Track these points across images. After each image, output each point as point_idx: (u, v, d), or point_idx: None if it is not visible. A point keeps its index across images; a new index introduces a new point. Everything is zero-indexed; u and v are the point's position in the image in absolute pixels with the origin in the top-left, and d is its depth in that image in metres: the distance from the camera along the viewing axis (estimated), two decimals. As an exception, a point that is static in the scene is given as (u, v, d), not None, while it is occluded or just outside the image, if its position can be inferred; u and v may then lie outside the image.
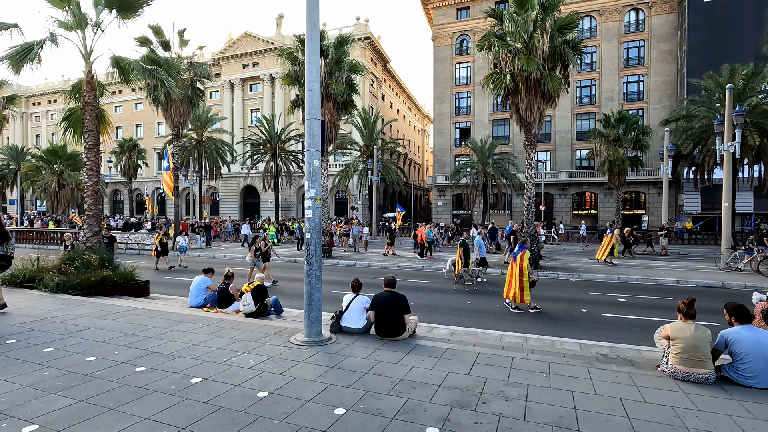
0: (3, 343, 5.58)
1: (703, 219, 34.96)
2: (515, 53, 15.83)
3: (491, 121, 43.65)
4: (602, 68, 40.20)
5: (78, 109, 11.42)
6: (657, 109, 38.22)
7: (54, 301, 8.19)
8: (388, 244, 21.04)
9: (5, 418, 3.53)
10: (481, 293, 11.54)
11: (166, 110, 24.41)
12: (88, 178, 10.87)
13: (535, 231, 17.69)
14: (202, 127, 36.89)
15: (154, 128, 56.70)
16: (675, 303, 10.25)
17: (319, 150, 5.92)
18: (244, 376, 4.57)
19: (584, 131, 39.44)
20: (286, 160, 37.92)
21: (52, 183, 27.20)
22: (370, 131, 37.10)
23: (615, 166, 28.92)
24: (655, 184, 37.29)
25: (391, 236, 21.25)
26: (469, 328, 7.98)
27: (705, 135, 26.58)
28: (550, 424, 3.62)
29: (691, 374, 4.62)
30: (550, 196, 41.30)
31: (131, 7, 10.65)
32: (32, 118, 66.21)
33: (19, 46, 9.58)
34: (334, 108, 19.57)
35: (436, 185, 45.34)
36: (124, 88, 52.58)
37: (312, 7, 5.88)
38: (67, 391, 4.10)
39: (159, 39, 20.04)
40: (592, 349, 6.43)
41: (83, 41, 10.74)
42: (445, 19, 44.84)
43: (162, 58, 15.28)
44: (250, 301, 7.65)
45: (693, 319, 4.87)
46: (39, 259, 10.39)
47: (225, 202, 51.84)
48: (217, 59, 51.42)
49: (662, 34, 38.52)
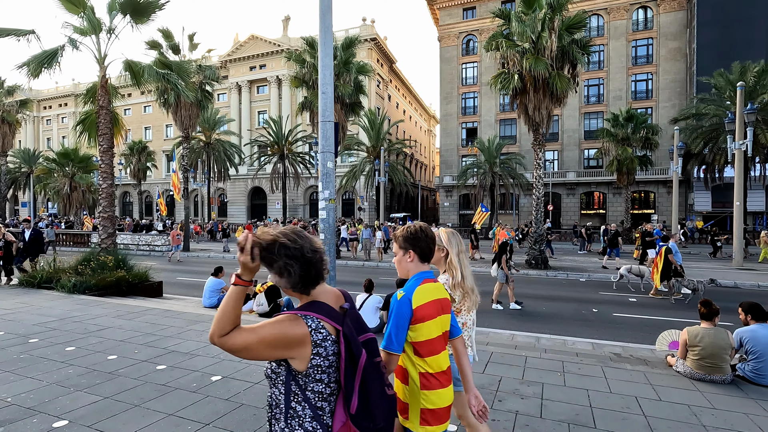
0: (26, 342, 5.73)
1: (714, 218, 34.59)
2: (523, 53, 15.82)
3: (498, 121, 43.55)
4: (610, 67, 39.94)
5: (92, 113, 11.62)
6: (666, 108, 37.89)
7: (72, 302, 8.35)
8: (472, 247, 19.44)
9: (36, 414, 3.64)
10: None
11: (176, 113, 24.65)
12: (103, 180, 11.05)
13: (544, 232, 17.62)
14: (211, 129, 37.23)
15: (162, 131, 57.27)
16: (685, 303, 10.23)
17: (332, 152, 6.00)
18: (261, 375, 4.66)
19: (592, 130, 39.21)
20: (293, 162, 38.12)
21: (64, 185, 27.59)
22: (376, 132, 37.20)
23: (623, 165, 28.75)
24: (665, 183, 36.96)
25: (476, 239, 19.68)
26: (480, 327, 8.02)
27: (715, 133, 26.34)
28: (566, 422, 3.66)
29: (708, 376, 4.62)
30: (558, 196, 41.10)
31: (144, 11, 10.82)
32: (43, 121, 67.15)
33: (41, 53, 9.79)
34: (342, 109, 19.70)
35: (443, 185, 45.31)
36: (133, 91, 53.24)
37: (325, 11, 5.96)
38: (93, 388, 4.21)
39: (169, 43, 20.27)
40: (604, 349, 6.44)
41: (97, 46, 10.93)
42: (451, 19, 44.82)
43: (173, 61, 15.48)
44: (264, 302, 7.75)
45: (713, 322, 4.79)
46: (56, 261, 10.59)
47: (233, 204, 52.22)
48: (225, 62, 51.82)
49: (671, 31, 38.20)
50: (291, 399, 1.43)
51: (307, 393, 1.43)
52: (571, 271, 15.55)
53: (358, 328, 1.51)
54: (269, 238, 1.43)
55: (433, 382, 2.02)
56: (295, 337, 1.39)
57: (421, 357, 2.01)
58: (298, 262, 1.42)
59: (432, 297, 2.07)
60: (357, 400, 1.41)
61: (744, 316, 5.05)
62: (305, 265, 1.44)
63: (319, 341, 1.41)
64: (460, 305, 2.63)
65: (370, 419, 1.43)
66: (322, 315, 1.44)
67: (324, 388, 1.44)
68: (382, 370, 1.55)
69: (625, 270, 12.08)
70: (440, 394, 2.03)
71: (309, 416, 1.42)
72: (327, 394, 1.44)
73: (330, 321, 1.44)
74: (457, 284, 2.57)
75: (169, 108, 23.82)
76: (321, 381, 1.43)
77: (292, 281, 1.44)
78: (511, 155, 38.01)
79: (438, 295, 2.12)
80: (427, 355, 2.02)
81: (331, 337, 1.44)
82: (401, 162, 44.69)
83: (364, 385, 1.43)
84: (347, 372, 1.42)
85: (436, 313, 2.07)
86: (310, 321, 1.42)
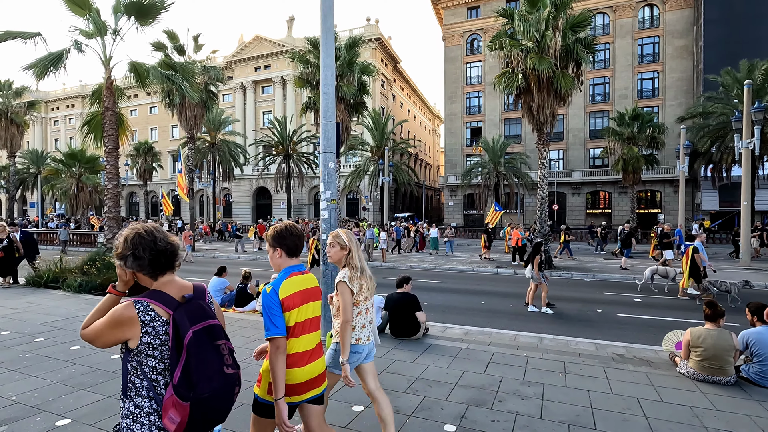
0: (32, 341, 5.80)
1: (721, 218, 34.25)
2: (527, 52, 15.76)
3: (503, 120, 43.40)
4: (616, 65, 39.67)
5: (98, 114, 11.73)
6: (672, 107, 37.58)
7: (77, 301, 8.44)
8: (485, 247, 19.10)
9: (39, 413, 3.69)
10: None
11: (181, 114, 24.85)
12: (108, 181, 11.16)
13: (548, 231, 17.52)
14: (216, 129, 37.41)
15: (168, 131, 57.64)
16: (692, 304, 10.16)
17: (334, 152, 6.02)
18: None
19: (598, 129, 38.97)
20: (298, 162, 38.24)
21: (72, 186, 27.88)
22: (381, 132, 37.22)
23: (629, 164, 28.54)
24: (672, 182, 36.65)
25: (489, 238, 19.17)
26: (483, 327, 8.00)
27: (723, 132, 26.07)
28: (566, 423, 3.65)
29: (711, 377, 4.58)
30: (563, 195, 40.90)
31: (149, 13, 10.92)
32: (51, 122, 67.84)
33: (46, 56, 9.93)
34: (346, 109, 19.75)
35: (448, 185, 45.23)
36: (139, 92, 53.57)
37: (326, 12, 5.98)
38: (96, 387, 4.26)
39: (174, 44, 20.44)
40: (607, 349, 6.40)
41: (103, 48, 11.04)
42: (455, 18, 44.73)
43: (178, 62, 15.60)
44: (267, 301, 7.79)
45: (717, 324, 4.75)
46: (62, 260, 10.70)
47: (238, 204, 52.47)
48: (230, 62, 52.07)
49: (678, 29, 37.87)
50: (130, 373, 1.69)
51: (144, 368, 1.67)
52: (575, 271, 15.47)
53: (199, 315, 1.74)
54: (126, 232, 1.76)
55: (292, 362, 2.32)
56: (124, 318, 1.64)
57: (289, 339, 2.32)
58: (148, 249, 1.71)
59: (298, 288, 2.37)
60: (179, 373, 1.62)
61: (751, 317, 5.01)
62: (156, 254, 1.72)
63: (147, 321, 1.65)
64: (358, 296, 2.92)
65: (191, 389, 1.63)
66: (155, 300, 1.69)
67: (158, 363, 1.68)
68: (222, 352, 1.77)
69: (650, 272, 11.87)
70: (297, 373, 2.35)
71: (145, 387, 1.67)
72: (161, 369, 1.68)
73: (162, 306, 1.69)
74: (358, 278, 2.88)
75: (174, 109, 24.00)
76: (154, 357, 1.67)
77: (141, 264, 1.71)
78: (515, 155, 37.87)
79: (305, 286, 2.42)
80: (295, 336, 2.33)
81: (161, 319, 1.68)
82: (405, 162, 44.66)
83: (188, 361, 1.63)
84: (173, 350, 1.65)
85: (302, 301, 2.38)
86: (140, 305, 1.67)
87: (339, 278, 2.88)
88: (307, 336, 2.40)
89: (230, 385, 1.78)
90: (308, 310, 2.41)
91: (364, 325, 3.00)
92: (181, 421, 1.62)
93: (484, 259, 18.95)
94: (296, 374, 2.36)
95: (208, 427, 1.74)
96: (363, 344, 2.99)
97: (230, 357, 1.82)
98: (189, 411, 1.62)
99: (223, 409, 1.77)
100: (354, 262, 2.90)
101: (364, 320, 3.02)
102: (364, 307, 3.01)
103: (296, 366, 2.35)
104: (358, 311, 2.97)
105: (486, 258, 19.00)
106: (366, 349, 3.02)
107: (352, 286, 2.86)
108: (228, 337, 1.87)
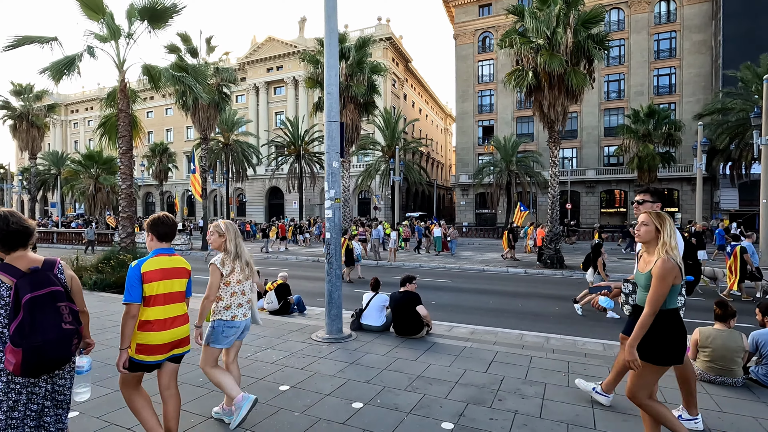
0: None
1: (742, 216, 33.35)
2: (537, 50, 15.60)
3: (515, 119, 42.98)
4: (631, 61, 38.93)
5: (113, 116, 12.02)
6: (690, 103, 36.72)
7: (92, 298, 8.66)
8: (509, 246, 18.74)
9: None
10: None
11: (194, 115, 25.21)
12: (122, 181, 11.43)
13: (560, 231, 17.31)
14: (229, 130, 37.84)
15: (183, 132, 58.61)
16: (705, 303, 9.93)
17: (338, 151, 6.08)
18: (267, 371, 4.76)
19: (612, 127, 38.30)
20: (309, 162, 38.47)
21: (90, 186, 28.56)
22: (392, 131, 37.20)
23: (645, 162, 27.98)
24: (689, 180, 35.81)
25: (515, 237, 18.91)
26: (490, 327, 7.98)
27: (742, 128, 25.36)
28: (566, 422, 3.63)
29: (718, 378, 4.50)
30: (577, 194, 40.31)
31: (162, 17, 11.13)
32: (71, 124, 69.60)
33: (60, 60, 10.21)
34: (356, 109, 19.80)
35: (459, 184, 44.99)
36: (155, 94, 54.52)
37: (330, 13, 6.04)
38: (104, 381, 4.39)
39: (187, 46, 20.76)
40: (615, 350, 6.32)
41: (117, 51, 11.30)
42: (466, 16, 44.46)
43: (190, 65, 15.86)
44: (274, 299, 7.89)
45: (727, 324, 4.64)
46: (78, 259, 11.00)
47: (251, 204, 53.06)
48: (243, 64, 52.66)
49: (695, 24, 36.98)
50: None
51: None
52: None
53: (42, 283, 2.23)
54: None
55: (150, 327, 2.76)
56: None
57: (144, 307, 2.77)
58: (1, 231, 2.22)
59: (160, 266, 2.83)
60: (15, 326, 2.11)
61: (761, 317, 4.90)
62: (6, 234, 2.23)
63: None
64: (230, 277, 3.33)
65: (23, 338, 2.10)
66: (2, 271, 2.19)
67: (2, 319, 2.18)
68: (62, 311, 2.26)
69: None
70: (154, 336, 2.77)
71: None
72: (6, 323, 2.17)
73: (6, 275, 2.19)
74: (230, 261, 3.32)
75: (188, 110, 24.36)
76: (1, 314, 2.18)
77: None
78: (528, 153, 37.44)
79: (168, 265, 2.88)
80: (150, 306, 2.78)
81: (5, 285, 2.19)
82: (417, 161, 44.58)
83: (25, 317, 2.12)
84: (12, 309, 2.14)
85: (161, 277, 2.82)
86: None
87: (212, 260, 3.31)
88: (167, 306, 2.83)
89: (67, 337, 2.26)
90: (168, 285, 2.85)
91: (240, 304, 3.39)
92: (16, 362, 2.10)
93: (507, 258, 18.62)
94: (152, 337, 2.76)
95: (52, 367, 2.25)
96: (239, 320, 3.37)
97: (69, 316, 2.30)
98: (22, 355, 2.10)
99: (61, 354, 2.24)
100: (228, 247, 3.32)
101: (240, 299, 3.40)
102: (239, 288, 3.39)
103: (152, 330, 2.76)
104: (232, 291, 3.35)
105: (509, 257, 18.63)
106: (242, 325, 3.41)
107: (223, 269, 3.27)
108: (72, 300, 2.37)
